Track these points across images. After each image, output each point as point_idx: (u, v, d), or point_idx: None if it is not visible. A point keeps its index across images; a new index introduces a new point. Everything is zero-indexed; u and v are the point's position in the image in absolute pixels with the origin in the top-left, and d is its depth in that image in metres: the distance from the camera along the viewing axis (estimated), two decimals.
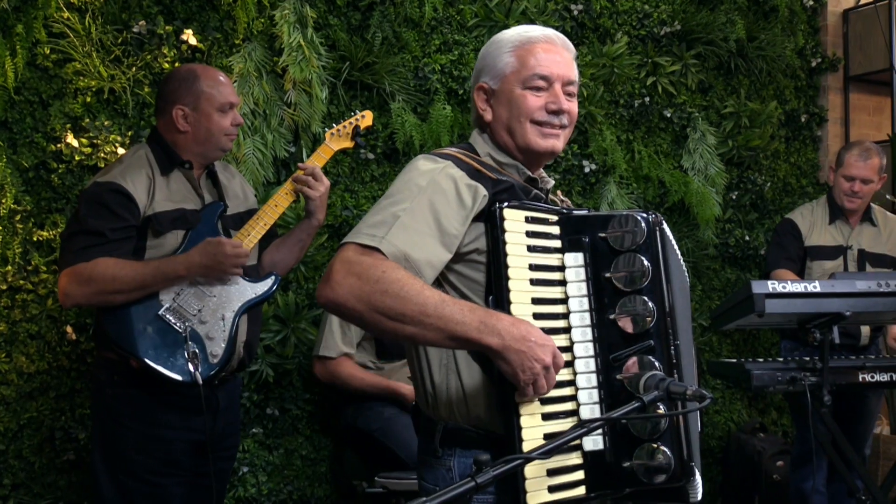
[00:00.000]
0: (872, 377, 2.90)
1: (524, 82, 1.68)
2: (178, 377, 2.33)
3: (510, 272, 1.53)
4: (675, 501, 1.61)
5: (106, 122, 3.07)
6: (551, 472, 1.50)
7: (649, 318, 1.55)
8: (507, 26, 3.82)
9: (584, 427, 1.36)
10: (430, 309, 1.43)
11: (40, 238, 3.00)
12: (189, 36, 3.19)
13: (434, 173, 1.57)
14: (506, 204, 1.56)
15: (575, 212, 1.65)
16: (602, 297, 1.58)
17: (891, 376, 2.92)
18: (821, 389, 2.77)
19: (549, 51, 1.69)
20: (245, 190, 2.69)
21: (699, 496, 1.59)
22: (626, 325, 1.56)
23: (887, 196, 4.62)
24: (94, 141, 3.05)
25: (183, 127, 2.45)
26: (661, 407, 1.48)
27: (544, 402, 1.51)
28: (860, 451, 3.66)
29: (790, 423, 4.69)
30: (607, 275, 1.58)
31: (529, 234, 1.57)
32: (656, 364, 1.54)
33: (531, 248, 1.57)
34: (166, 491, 2.42)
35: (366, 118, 2.73)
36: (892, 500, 3.13)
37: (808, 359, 2.89)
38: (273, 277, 2.54)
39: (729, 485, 4.34)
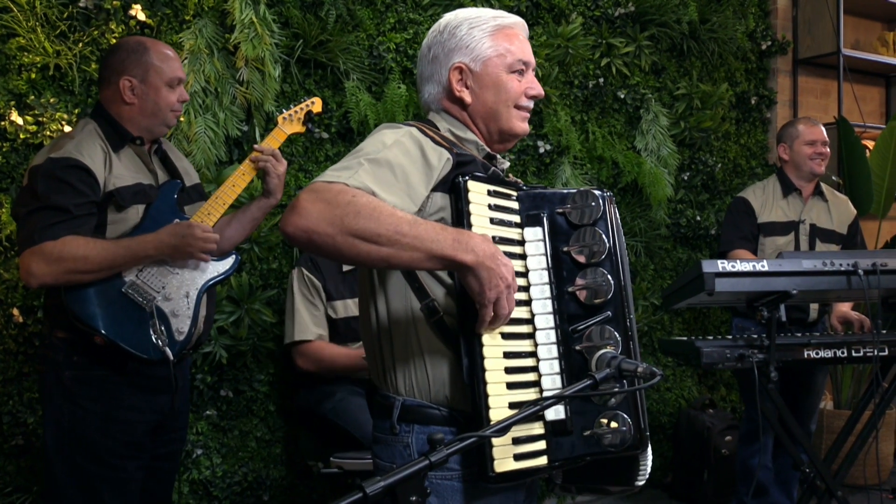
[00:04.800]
0: (817, 354, 2.98)
1: (509, 67, 1.71)
2: (144, 354, 2.31)
3: None
4: (623, 485, 1.66)
5: (52, 100, 2.99)
6: (517, 441, 1.53)
7: (607, 290, 1.59)
8: (462, 5, 3.81)
9: (538, 405, 1.38)
10: (405, 227, 1.43)
11: None
12: (137, 11, 3.12)
13: (398, 135, 1.58)
14: (469, 176, 1.58)
15: (533, 189, 1.68)
16: (561, 271, 1.61)
17: (835, 353, 2.99)
18: (768, 366, 2.84)
19: (523, 37, 1.76)
20: (187, 165, 2.68)
21: (645, 479, 1.63)
22: (585, 296, 1.60)
23: (833, 177, 4.73)
24: (40, 119, 2.97)
25: (129, 99, 2.41)
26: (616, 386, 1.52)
27: (508, 371, 1.54)
28: (807, 425, 3.77)
29: (738, 399, 4.81)
30: (566, 248, 1.61)
31: (492, 208, 1.59)
32: (615, 333, 1.58)
33: (493, 221, 1.59)
34: (128, 474, 2.39)
35: (315, 104, 2.77)
36: (835, 473, 3.22)
37: (755, 336, 2.96)
38: (234, 256, 2.55)
39: (679, 459, 4.44)
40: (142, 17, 3.13)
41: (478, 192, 1.58)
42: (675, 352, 3.14)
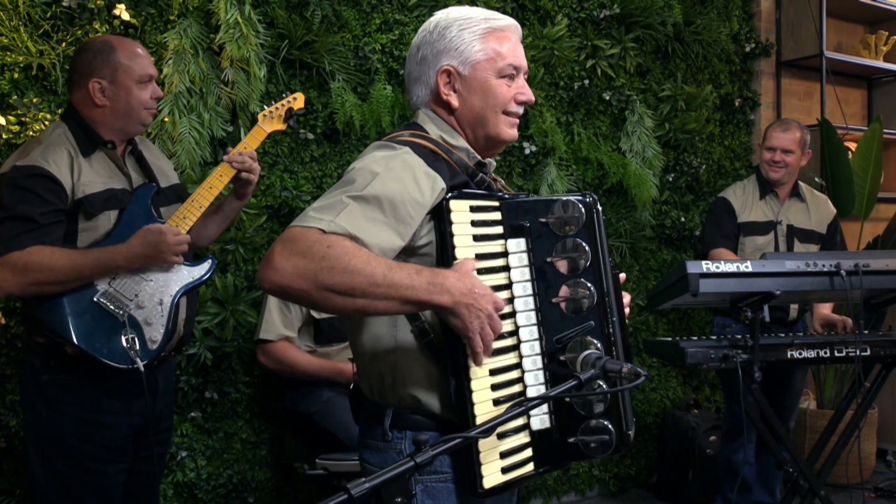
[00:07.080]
0: (800, 354, 3.00)
1: (499, 72, 1.67)
2: (117, 364, 2.28)
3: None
4: None
5: (35, 100, 2.97)
6: (504, 455, 1.55)
7: (590, 300, 1.60)
8: (447, 7, 3.80)
9: (522, 406, 1.38)
10: (379, 278, 1.41)
11: None
12: (121, 11, 3.10)
13: (390, 160, 1.54)
14: (450, 195, 1.56)
15: (516, 198, 1.66)
16: (544, 281, 1.61)
17: (817, 353, 3.02)
18: (751, 366, 2.86)
19: (516, 40, 1.71)
20: (166, 165, 2.63)
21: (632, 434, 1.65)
22: (568, 307, 1.60)
23: (816, 178, 4.76)
24: (23, 119, 2.95)
25: (100, 101, 2.36)
26: (601, 384, 1.54)
27: (495, 387, 1.54)
28: (785, 423, 3.80)
29: (722, 399, 4.83)
30: (549, 259, 1.61)
31: (474, 224, 1.58)
32: (596, 343, 1.58)
33: (476, 238, 1.58)
34: (108, 478, 2.37)
35: (297, 100, 2.72)
36: (818, 472, 3.25)
37: (739, 337, 2.98)
38: (210, 261, 2.50)
39: (664, 459, 4.45)
40: (126, 16, 3.11)
41: (460, 211, 1.56)
42: (659, 352, 3.16)
